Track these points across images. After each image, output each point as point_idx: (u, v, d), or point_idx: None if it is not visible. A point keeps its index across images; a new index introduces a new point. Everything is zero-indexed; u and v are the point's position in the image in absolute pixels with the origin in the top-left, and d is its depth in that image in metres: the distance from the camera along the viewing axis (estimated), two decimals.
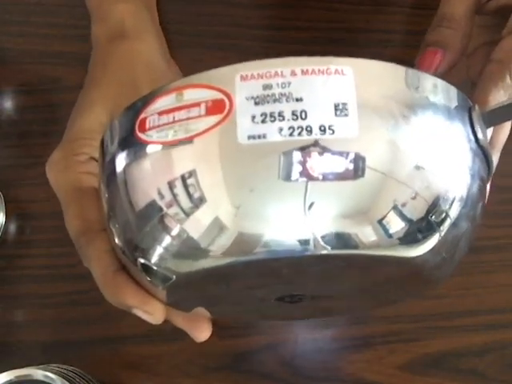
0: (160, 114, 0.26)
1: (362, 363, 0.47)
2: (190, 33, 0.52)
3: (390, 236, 0.25)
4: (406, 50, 0.52)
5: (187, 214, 0.25)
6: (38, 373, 0.38)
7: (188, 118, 0.25)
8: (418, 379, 0.47)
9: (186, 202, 0.24)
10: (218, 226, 0.24)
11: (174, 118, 0.25)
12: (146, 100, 0.26)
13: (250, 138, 0.24)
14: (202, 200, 0.24)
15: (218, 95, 0.25)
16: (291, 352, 0.47)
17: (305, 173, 0.23)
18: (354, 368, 0.47)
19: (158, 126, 0.25)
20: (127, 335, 0.47)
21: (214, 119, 0.24)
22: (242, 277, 0.27)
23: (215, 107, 0.25)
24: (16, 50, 0.52)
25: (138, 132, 0.26)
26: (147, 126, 0.26)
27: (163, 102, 0.26)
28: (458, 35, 0.36)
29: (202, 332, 0.35)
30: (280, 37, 0.53)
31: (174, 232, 0.25)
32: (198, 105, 0.25)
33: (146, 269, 0.27)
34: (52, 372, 0.38)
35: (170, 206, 0.25)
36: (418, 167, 0.25)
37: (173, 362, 0.46)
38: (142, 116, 0.26)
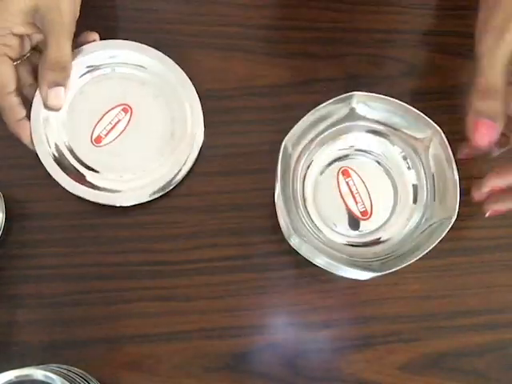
0: None
1: (362, 363, 0.47)
2: (190, 33, 0.52)
3: None
4: (407, 50, 0.52)
5: None
6: (37, 373, 0.38)
7: None
8: (418, 379, 0.47)
9: None
10: None
11: None
12: None
13: None
14: None
15: None
16: (291, 352, 0.47)
17: None
18: (354, 368, 0.47)
19: None
20: (127, 335, 0.47)
21: None
22: None
23: None
24: None
25: None
26: None
27: None
28: (504, 106, 0.38)
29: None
30: (280, 37, 0.53)
31: None
32: None
33: None
34: (52, 372, 0.38)
35: None
36: None
37: (173, 361, 0.46)
38: None
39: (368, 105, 0.44)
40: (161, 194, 0.48)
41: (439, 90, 0.45)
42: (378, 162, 0.46)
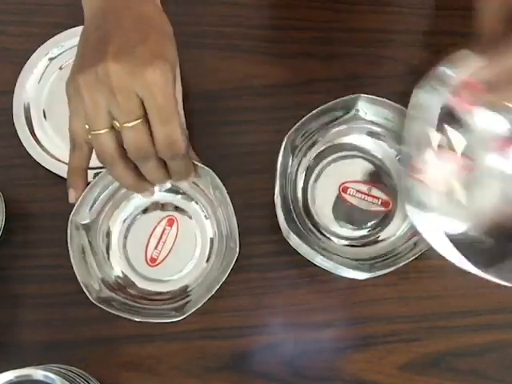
0: None
1: (362, 363, 0.47)
2: (191, 33, 0.52)
3: None
4: (406, 50, 0.52)
5: None
6: (37, 373, 0.38)
7: None
8: (418, 379, 0.47)
9: None
10: None
11: None
12: None
13: None
14: None
15: None
16: (291, 352, 0.47)
17: None
18: (354, 368, 0.47)
19: None
20: (127, 335, 0.47)
21: None
22: None
23: None
24: (16, 49, 0.52)
25: None
26: None
27: None
28: None
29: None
30: (280, 37, 0.53)
31: None
32: None
33: None
34: (52, 372, 0.38)
35: None
36: None
37: (173, 362, 0.46)
38: None
39: (370, 107, 0.44)
40: None
41: None
42: (375, 164, 0.46)
